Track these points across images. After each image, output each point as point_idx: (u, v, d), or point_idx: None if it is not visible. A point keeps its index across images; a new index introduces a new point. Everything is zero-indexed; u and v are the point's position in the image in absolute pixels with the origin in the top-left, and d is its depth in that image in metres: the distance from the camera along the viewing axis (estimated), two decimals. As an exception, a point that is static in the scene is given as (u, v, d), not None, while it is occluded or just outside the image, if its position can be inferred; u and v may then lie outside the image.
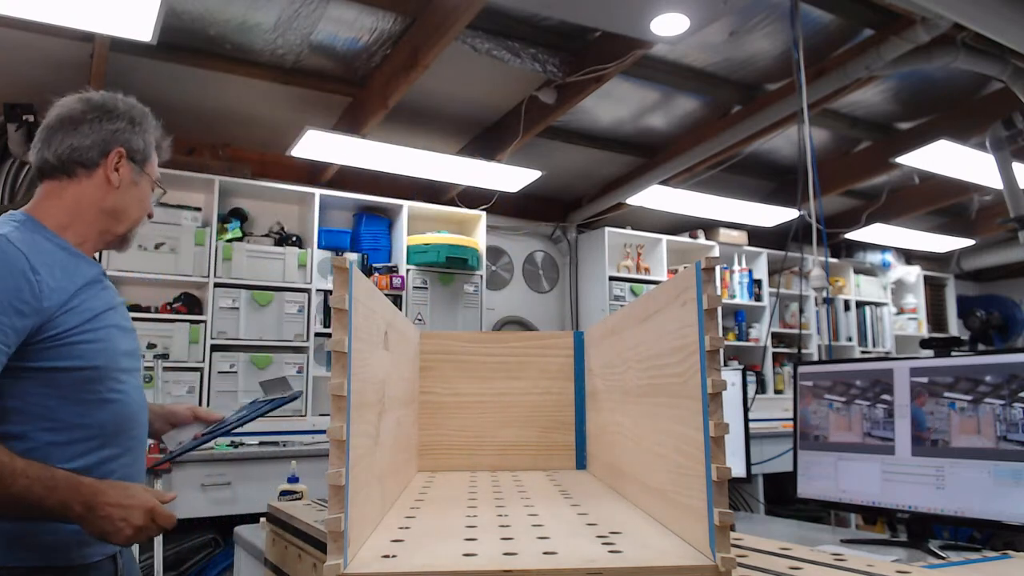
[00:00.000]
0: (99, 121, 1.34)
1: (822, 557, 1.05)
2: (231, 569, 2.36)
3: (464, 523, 0.97)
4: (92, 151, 1.32)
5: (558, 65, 3.43)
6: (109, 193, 1.34)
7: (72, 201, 1.31)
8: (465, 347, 1.66)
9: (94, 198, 1.33)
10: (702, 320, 0.81)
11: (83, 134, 1.32)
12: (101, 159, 1.33)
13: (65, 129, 1.32)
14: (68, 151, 1.31)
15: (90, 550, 1.24)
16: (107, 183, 1.34)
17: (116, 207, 1.36)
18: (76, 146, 1.31)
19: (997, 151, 3.80)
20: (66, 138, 1.31)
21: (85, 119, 1.33)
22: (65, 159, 1.30)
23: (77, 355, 1.22)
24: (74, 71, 3.28)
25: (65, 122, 1.32)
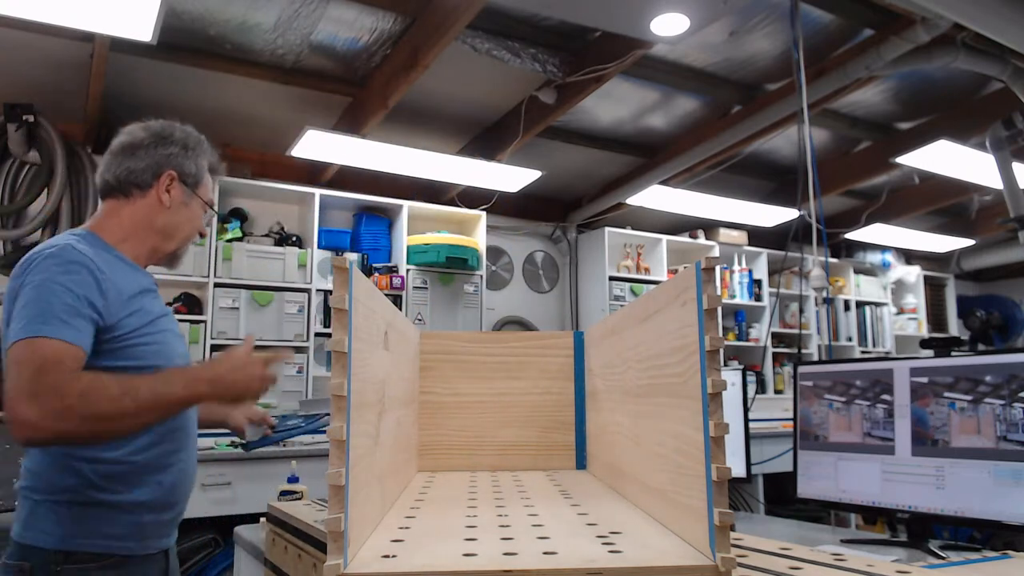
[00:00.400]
0: (155, 147, 1.48)
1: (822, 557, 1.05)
2: (231, 569, 2.36)
3: (464, 523, 0.97)
4: (146, 174, 1.45)
5: (558, 65, 3.43)
6: (160, 212, 1.47)
7: (128, 219, 1.44)
8: (465, 347, 1.66)
9: (147, 217, 1.45)
10: (702, 320, 0.81)
11: (139, 158, 1.46)
12: (154, 181, 1.46)
13: (125, 154, 1.46)
14: (125, 173, 1.45)
15: (148, 543, 1.34)
16: (159, 203, 1.46)
17: (167, 226, 1.48)
18: (132, 169, 1.45)
19: (997, 151, 3.80)
20: (124, 161, 1.45)
21: (143, 144, 1.47)
22: (123, 180, 1.44)
23: (139, 356, 1.32)
24: (74, 71, 3.28)
25: (126, 148, 1.47)
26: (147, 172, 1.45)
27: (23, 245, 3.60)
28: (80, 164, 3.60)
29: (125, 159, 1.46)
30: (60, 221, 3.52)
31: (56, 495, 1.28)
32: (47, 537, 1.26)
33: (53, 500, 1.27)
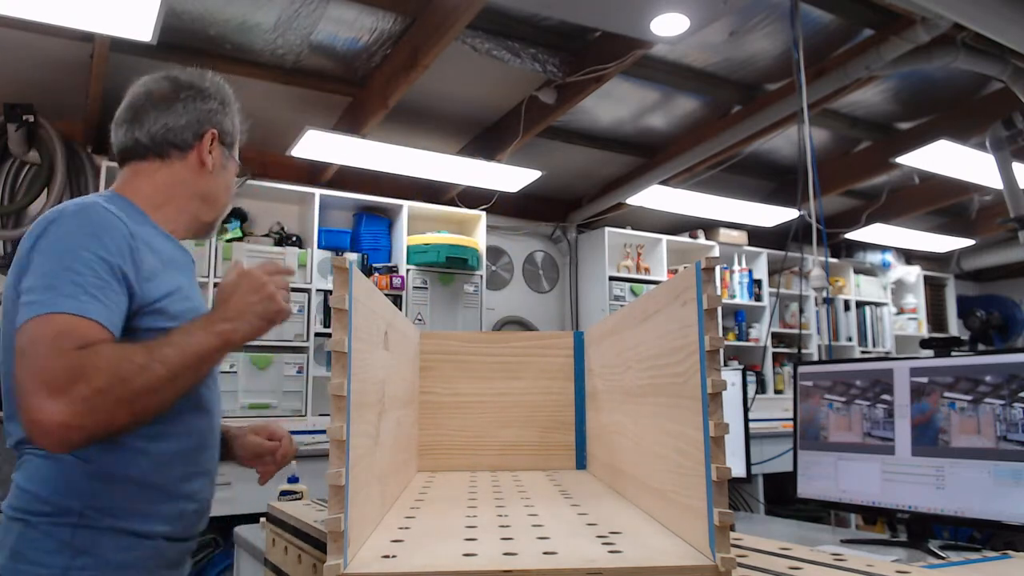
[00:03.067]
0: (192, 100, 1.26)
1: (822, 557, 1.05)
2: (231, 569, 2.36)
3: (464, 523, 0.97)
4: (187, 132, 1.23)
5: (558, 65, 3.43)
6: (202, 177, 1.25)
7: (165, 184, 1.21)
8: (465, 347, 1.66)
9: (188, 182, 1.23)
10: (702, 320, 0.81)
11: (177, 113, 1.23)
12: (195, 141, 1.24)
13: (158, 108, 1.22)
14: (163, 131, 1.22)
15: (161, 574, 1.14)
16: (201, 166, 1.25)
17: (208, 192, 1.27)
18: (171, 126, 1.22)
19: (997, 151, 3.80)
20: (160, 117, 1.22)
21: (179, 98, 1.24)
22: (160, 139, 1.21)
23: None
24: (74, 71, 3.28)
25: (157, 100, 1.23)
26: (188, 130, 1.23)
27: (23, 245, 3.61)
28: (80, 164, 3.60)
29: (160, 114, 1.22)
30: (60, 221, 3.52)
31: (60, 517, 1.03)
32: (39, 569, 1.01)
33: (51, 523, 1.03)
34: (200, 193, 1.26)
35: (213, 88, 1.32)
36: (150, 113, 1.22)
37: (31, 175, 3.53)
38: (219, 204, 1.31)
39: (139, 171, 1.22)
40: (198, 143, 1.25)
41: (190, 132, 1.24)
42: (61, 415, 0.89)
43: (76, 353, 0.92)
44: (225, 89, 1.35)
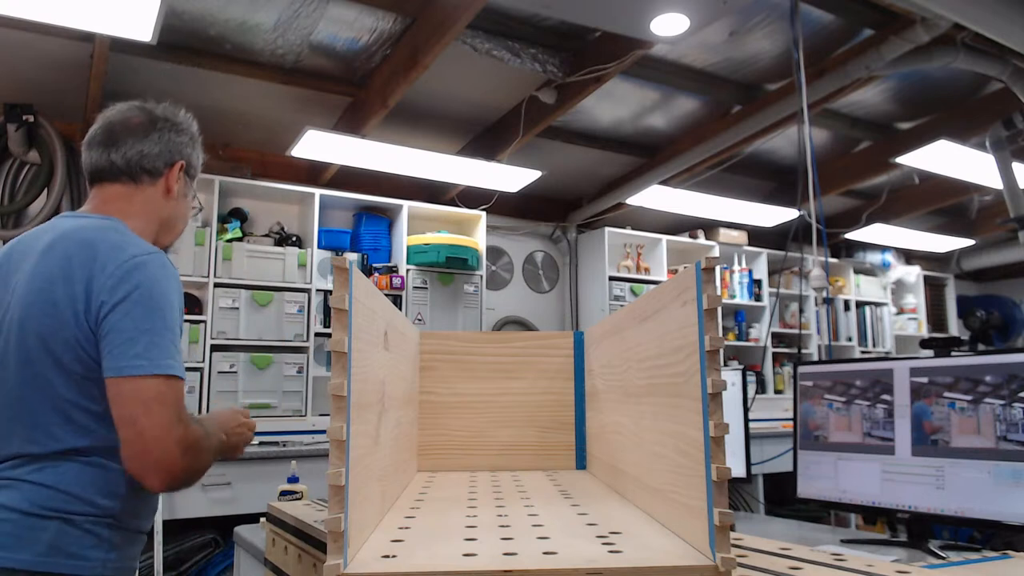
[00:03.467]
0: (168, 132, 1.36)
1: (822, 557, 1.05)
2: (231, 569, 2.36)
3: (464, 523, 0.97)
4: (159, 160, 1.33)
5: (558, 65, 3.43)
6: (167, 203, 1.36)
7: (139, 207, 1.32)
8: (465, 347, 1.66)
9: (155, 206, 1.34)
10: (702, 320, 0.81)
11: (152, 142, 1.33)
12: (165, 169, 1.35)
13: (135, 135, 1.32)
14: (138, 156, 1.31)
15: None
16: (166, 193, 1.36)
17: (170, 217, 1.38)
18: (146, 153, 1.32)
19: (997, 151, 3.80)
20: (136, 144, 1.32)
21: (155, 127, 1.34)
22: (134, 164, 1.31)
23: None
24: (74, 71, 3.28)
25: (133, 128, 1.33)
26: (160, 159, 1.33)
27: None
28: (80, 164, 3.60)
29: (136, 141, 1.31)
30: (60, 221, 3.52)
31: (101, 517, 1.15)
32: (83, 563, 1.12)
33: (101, 521, 1.15)
34: (163, 218, 1.36)
35: (185, 123, 1.41)
36: (127, 139, 1.32)
37: (31, 175, 3.53)
38: (175, 230, 1.42)
39: (116, 194, 1.32)
40: (168, 171, 1.35)
41: (162, 161, 1.34)
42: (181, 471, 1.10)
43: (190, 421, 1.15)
44: (194, 126, 1.44)
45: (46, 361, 1.13)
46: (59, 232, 1.22)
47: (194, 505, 3.20)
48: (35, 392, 1.14)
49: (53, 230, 1.24)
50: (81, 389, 1.14)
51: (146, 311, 1.13)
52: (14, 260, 1.24)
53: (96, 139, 1.32)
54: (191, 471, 1.12)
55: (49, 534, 1.10)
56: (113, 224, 1.25)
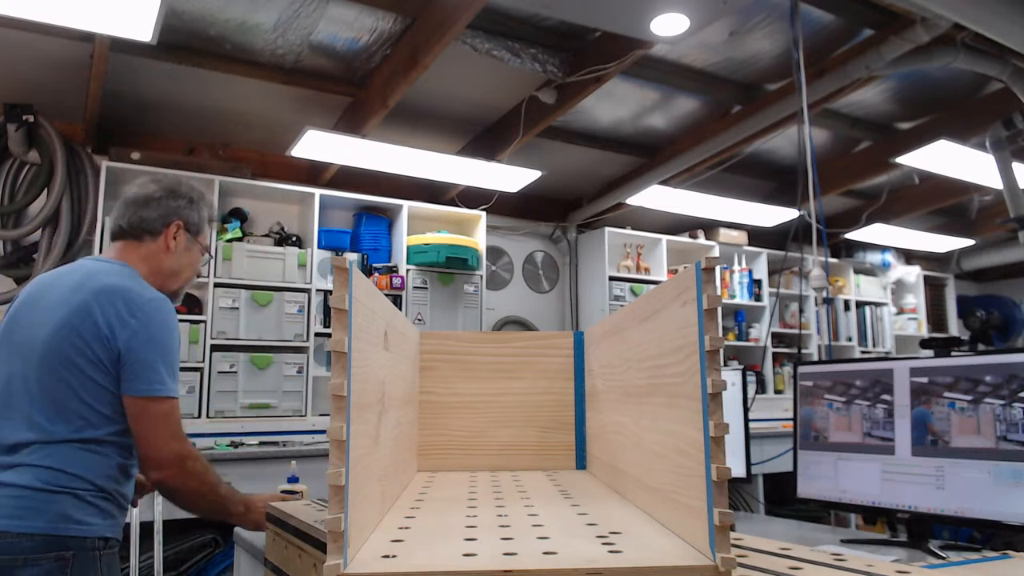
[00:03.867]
0: (165, 199, 1.67)
1: (822, 557, 1.05)
2: (231, 569, 2.36)
3: (464, 523, 0.97)
4: (157, 223, 1.65)
5: (558, 65, 3.43)
6: (167, 256, 1.66)
7: (142, 260, 1.64)
8: (465, 347, 1.66)
9: (156, 258, 1.65)
10: (702, 320, 0.81)
11: (152, 208, 1.65)
12: (163, 228, 1.65)
13: (139, 204, 1.65)
14: (138, 221, 1.64)
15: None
16: (166, 248, 1.66)
17: (172, 267, 1.67)
18: (145, 217, 1.64)
19: (997, 151, 3.80)
20: (138, 211, 1.64)
21: (155, 197, 1.66)
22: (136, 227, 1.64)
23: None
24: (74, 71, 3.28)
25: (140, 200, 1.66)
26: (158, 221, 1.65)
27: (23, 245, 3.60)
28: (80, 164, 3.60)
29: (139, 209, 1.64)
30: (60, 221, 3.52)
31: (102, 491, 1.45)
32: (89, 527, 1.41)
33: (99, 495, 1.45)
34: (164, 268, 1.66)
35: (184, 189, 1.72)
36: (131, 207, 1.65)
37: (31, 175, 3.53)
38: (181, 277, 1.71)
39: (127, 249, 1.65)
40: (165, 230, 1.66)
41: (159, 222, 1.65)
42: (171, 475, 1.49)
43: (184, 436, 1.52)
44: (196, 191, 1.75)
45: (71, 372, 1.44)
46: (85, 272, 1.54)
47: (194, 505, 3.20)
48: (58, 394, 1.44)
49: (81, 269, 1.56)
50: (97, 396, 1.45)
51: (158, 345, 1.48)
52: (41, 291, 1.55)
53: (118, 207, 1.68)
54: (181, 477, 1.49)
55: (59, 506, 1.38)
56: (128, 270, 1.58)
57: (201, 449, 3.46)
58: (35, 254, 3.55)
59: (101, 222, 3.56)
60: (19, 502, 1.35)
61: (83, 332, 1.44)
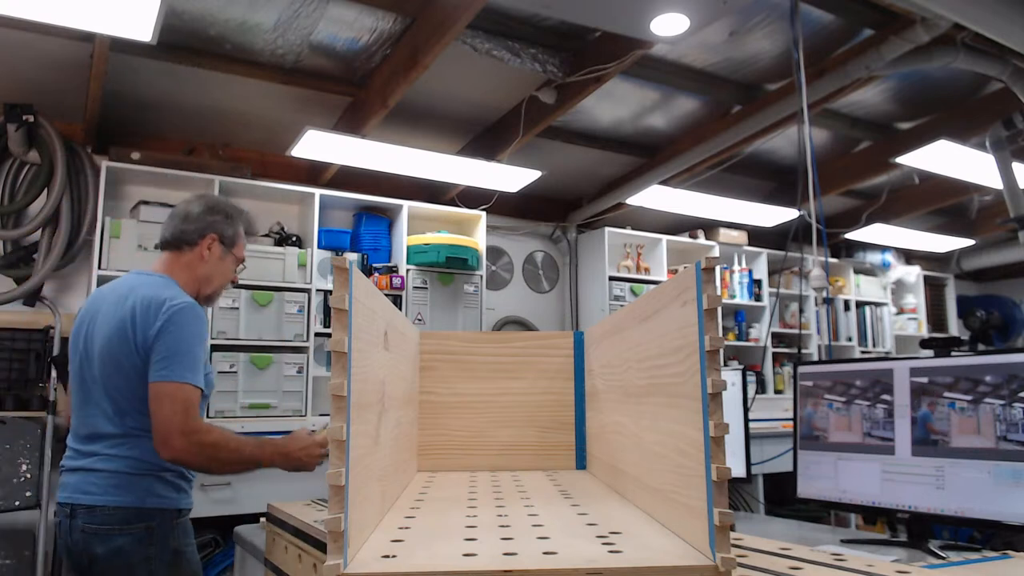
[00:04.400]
0: (204, 214, 1.91)
1: (822, 557, 1.05)
2: (231, 569, 2.36)
3: (464, 523, 0.97)
4: (194, 235, 1.89)
5: (558, 65, 3.43)
6: (201, 264, 1.90)
7: (182, 268, 1.89)
8: (465, 347, 1.66)
9: (193, 267, 1.90)
10: (702, 320, 0.81)
11: (191, 222, 1.90)
12: (199, 240, 1.89)
13: (181, 219, 1.90)
14: (180, 233, 1.89)
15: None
16: (200, 257, 1.90)
17: (206, 275, 1.91)
18: (185, 230, 1.89)
19: (997, 151, 3.80)
20: (180, 224, 1.90)
21: (195, 213, 1.91)
22: (177, 238, 1.89)
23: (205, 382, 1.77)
24: (74, 71, 3.28)
25: (182, 214, 1.91)
26: (195, 234, 1.89)
27: (23, 245, 3.60)
28: (80, 164, 3.60)
29: (181, 223, 1.90)
30: (60, 221, 3.52)
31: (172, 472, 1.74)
32: (167, 500, 1.73)
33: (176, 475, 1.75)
34: (200, 275, 1.91)
35: (223, 206, 1.97)
36: (174, 221, 1.91)
37: (31, 175, 3.52)
38: (213, 284, 1.94)
39: (171, 259, 1.90)
40: (200, 241, 1.90)
41: (196, 235, 1.89)
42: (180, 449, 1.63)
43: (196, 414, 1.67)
44: (233, 208, 2.00)
45: (124, 374, 1.70)
46: (129, 286, 1.80)
47: (194, 505, 3.20)
48: (117, 392, 1.71)
49: (127, 283, 1.82)
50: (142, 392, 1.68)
51: (174, 340, 1.67)
52: (98, 302, 1.82)
53: (167, 221, 1.93)
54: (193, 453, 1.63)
55: (145, 483, 1.70)
56: (165, 281, 1.83)
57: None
58: (35, 254, 3.55)
59: (101, 222, 3.56)
60: (111, 482, 1.68)
61: (125, 340, 1.69)
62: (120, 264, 3.57)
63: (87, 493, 1.68)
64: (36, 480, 3.31)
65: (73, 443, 1.77)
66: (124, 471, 1.68)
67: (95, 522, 1.65)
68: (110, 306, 1.76)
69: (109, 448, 1.69)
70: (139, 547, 1.66)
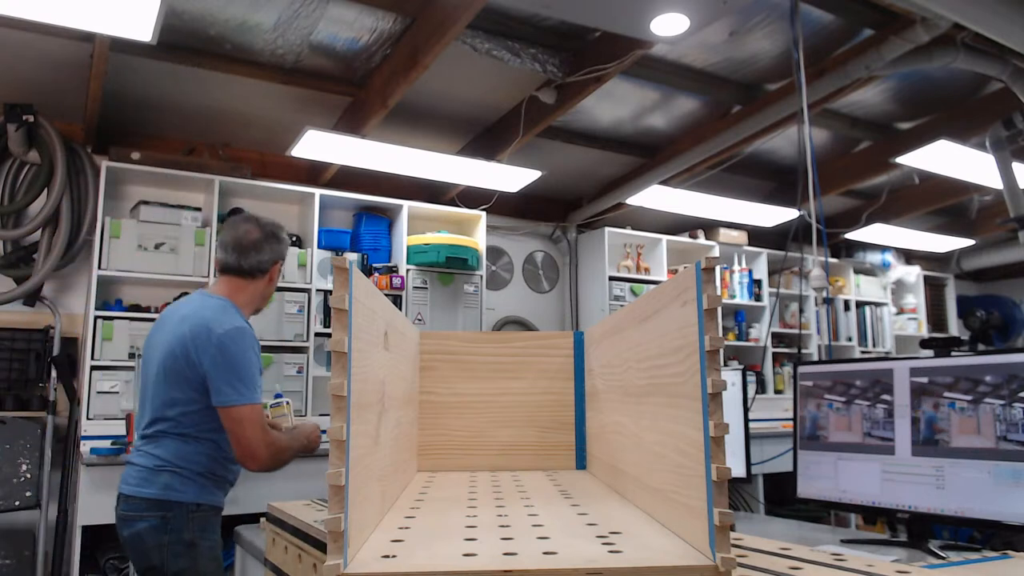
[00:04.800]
0: (271, 243, 2.11)
1: (822, 557, 1.05)
2: (231, 569, 2.36)
3: (464, 523, 0.97)
4: (267, 263, 2.10)
5: (558, 65, 3.43)
6: (269, 286, 2.14)
7: (251, 293, 2.09)
8: (465, 347, 1.66)
9: (260, 290, 2.11)
10: (702, 320, 0.81)
11: (264, 252, 2.08)
12: (271, 268, 2.11)
13: (255, 249, 2.07)
14: (256, 263, 2.07)
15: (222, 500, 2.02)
16: (269, 281, 2.13)
17: (268, 294, 2.16)
18: (260, 260, 2.08)
19: (997, 151, 3.80)
20: (254, 255, 2.07)
21: (266, 242, 2.09)
22: (253, 268, 2.07)
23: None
24: (74, 71, 3.28)
25: (254, 244, 2.08)
26: (268, 262, 2.09)
27: (23, 245, 3.60)
28: (80, 164, 3.60)
29: (254, 253, 2.07)
30: (60, 221, 3.52)
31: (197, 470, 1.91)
32: (184, 495, 1.88)
33: (195, 473, 1.91)
34: (265, 296, 2.15)
35: (278, 231, 2.17)
36: (249, 252, 2.07)
37: (31, 175, 3.52)
38: (268, 299, 2.18)
39: (235, 285, 2.07)
40: (272, 268, 2.12)
41: (268, 263, 2.10)
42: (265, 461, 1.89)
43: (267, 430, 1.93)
44: (281, 228, 2.21)
45: (174, 384, 1.91)
46: (192, 306, 1.99)
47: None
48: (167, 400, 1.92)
49: (191, 304, 2.00)
50: (189, 403, 1.90)
51: (233, 364, 1.87)
52: (165, 319, 2.04)
53: (228, 246, 2.07)
54: (274, 460, 1.90)
55: (163, 479, 1.88)
56: (223, 304, 1.99)
57: (201, 449, 3.46)
58: (35, 254, 3.55)
59: (101, 222, 3.56)
60: (140, 475, 1.90)
61: (181, 356, 1.89)
62: (120, 264, 3.57)
63: (126, 483, 1.94)
64: (36, 480, 3.31)
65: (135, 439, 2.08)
66: (149, 466, 1.90)
67: (126, 509, 1.91)
68: (174, 323, 1.98)
69: (143, 446, 1.94)
70: (154, 534, 1.85)
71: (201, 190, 3.99)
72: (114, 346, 3.52)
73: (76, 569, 3.10)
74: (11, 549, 3.31)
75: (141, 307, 3.75)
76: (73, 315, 3.76)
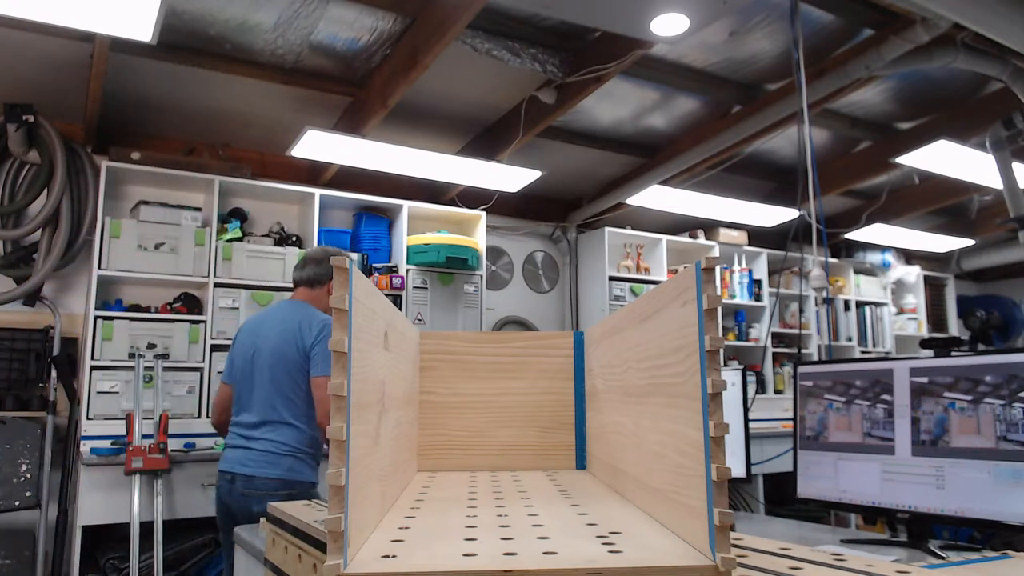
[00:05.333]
0: (326, 262, 2.56)
1: (822, 557, 1.05)
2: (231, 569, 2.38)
3: (464, 523, 0.97)
4: (325, 277, 2.57)
5: (558, 65, 3.43)
6: (327, 297, 2.43)
7: (317, 300, 2.56)
8: (465, 347, 1.66)
9: (324, 300, 2.55)
10: (702, 320, 0.81)
11: (324, 266, 2.58)
12: (327, 282, 2.56)
13: (315, 263, 2.59)
14: (314, 275, 2.57)
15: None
16: (327, 292, 2.54)
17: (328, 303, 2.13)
18: (321, 274, 2.58)
19: (997, 151, 3.80)
20: (316, 269, 2.58)
21: (326, 259, 2.59)
22: (315, 279, 2.58)
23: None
24: (74, 71, 3.28)
25: (316, 261, 2.59)
26: (327, 276, 2.56)
27: (23, 245, 3.60)
28: (80, 164, 3.60)
29: (318, 267, 2.58)
30: (60, 221, 3.52)
31: (310, 453, 2.41)
32: (305, 475, 2.38)
33: (309, 456, 2.41)
34: (326, 304, 2.50)
35: (333, 252, 2.65)
36: (310, 265, 2.59)
37: (31, 175, 3.52)
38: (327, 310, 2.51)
39: (305, 292, 2.58)
40: (329, 282, 2.51)
41: (327, 276, 2.56)
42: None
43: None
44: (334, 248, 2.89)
45: (285, 372, 2.39)
46: (290, 309, 2.52)
47: (194, 505, 3.20)
48: (278, 387, 2.39)
49: (286, 308, 2.53)
50: (297, 388, 2.39)
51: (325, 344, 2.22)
52: (259, 321, 2.56)
53: (299, 265, 2.62)
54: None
55: (288, 461, 2.35)
56: (307, 307, 2.52)
57: (202, 448, 3.47)
58: (35, 254, 3.55)
59: (101, 222, 3.56)
60: (264, 458, 2.32)
61: (294, 342, 2.38)
62: (120, 264, 3.57)
63: (245, 465, 2.33)
64: (36, 480, 3.31)
65: (236, 428, 2.45)
66: (272, 451, 2.33)
67: (252, 487, 2.31)
68: (276, 323, 2.47)
69: (263, 433, 2.35)
70: None
71: (201, 190, 3.99)
72: (114, 346, 3.52)
73: (76, 569, 3.10)
74: (11, 549, 3.31)
75: (141, 307, 3.75)
76: (73, 315, 3.76)
